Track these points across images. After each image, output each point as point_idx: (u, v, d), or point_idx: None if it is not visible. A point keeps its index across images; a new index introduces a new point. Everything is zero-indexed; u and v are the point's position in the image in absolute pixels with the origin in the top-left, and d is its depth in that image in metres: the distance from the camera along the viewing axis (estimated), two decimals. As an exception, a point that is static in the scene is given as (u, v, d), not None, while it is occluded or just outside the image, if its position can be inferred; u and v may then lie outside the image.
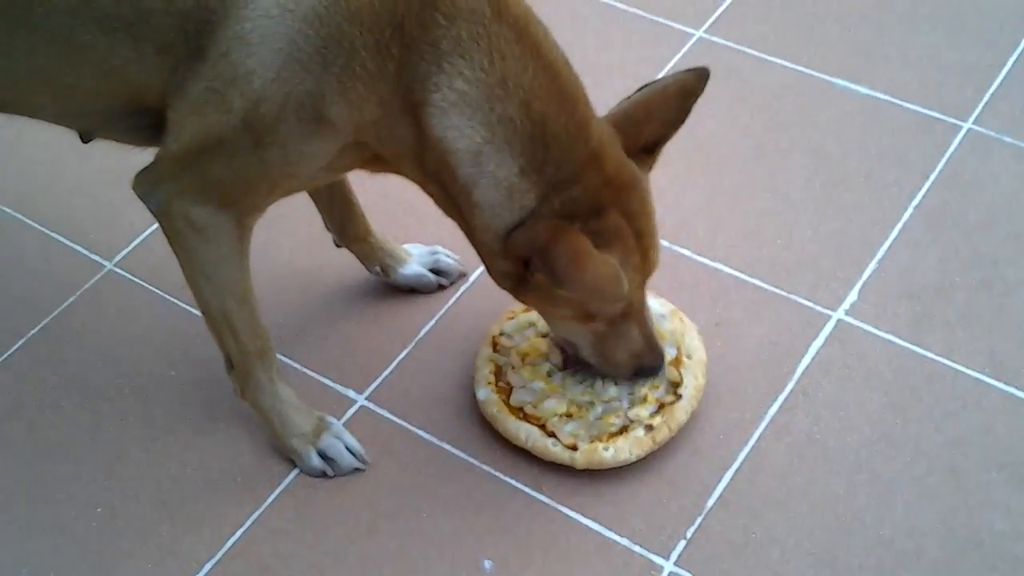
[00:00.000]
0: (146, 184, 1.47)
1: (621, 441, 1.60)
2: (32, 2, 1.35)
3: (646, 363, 1.59)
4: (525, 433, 1.63)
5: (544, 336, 1.71)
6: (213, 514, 1.61)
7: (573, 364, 1.66)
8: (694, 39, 2.23)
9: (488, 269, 1.49)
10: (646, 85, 1.48)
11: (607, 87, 2.09)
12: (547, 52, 1.38)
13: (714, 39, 2.23)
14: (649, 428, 1.60)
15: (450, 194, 1.43)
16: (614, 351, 1.58)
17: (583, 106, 1.40)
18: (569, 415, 1.65)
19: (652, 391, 1.63)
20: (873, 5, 2.30)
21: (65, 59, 1.39)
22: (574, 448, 1.61)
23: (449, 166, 1.39)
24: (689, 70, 1.47)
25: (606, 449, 1.60)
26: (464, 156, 1.38)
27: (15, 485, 1.65)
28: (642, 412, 1.62)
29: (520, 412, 1.66)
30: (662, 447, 1.61)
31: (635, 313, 1.54)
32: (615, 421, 1.62)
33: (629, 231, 1.43)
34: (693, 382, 1.63)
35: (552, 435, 1.62)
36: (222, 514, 1.61)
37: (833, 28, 2.25)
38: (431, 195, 1.47)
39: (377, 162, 1.47)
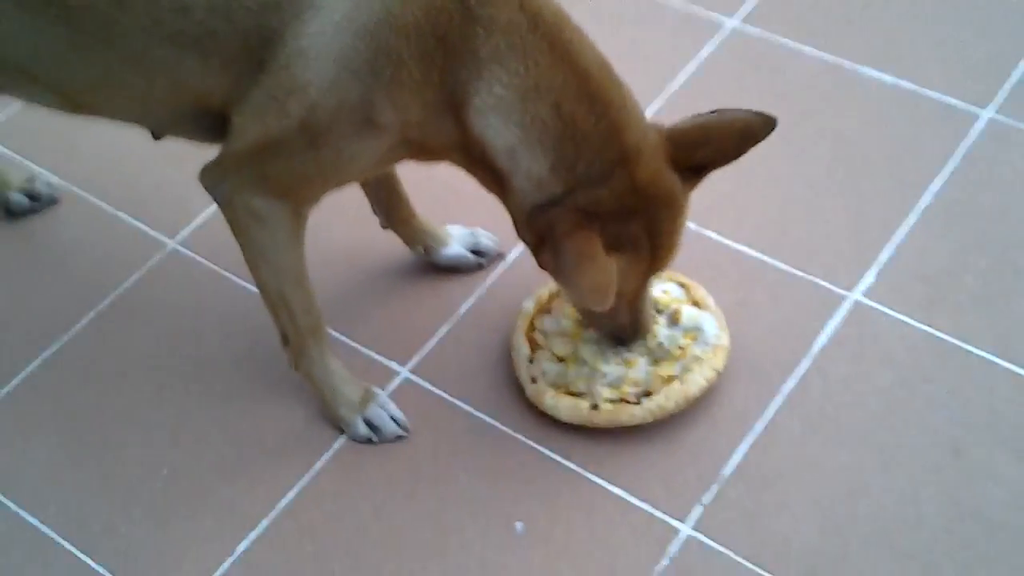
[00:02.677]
0: (211, 177, 1.60)
1: (566, 400, 1.74)
2: (111, 22, 1.48)
3: (625, 336, 1.73)
4: (517, 348, 1.81)
5: None
6: (268, 476, 1.75)
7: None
8: (728, 29, 2.33)
9: (516, 230, 1.61)
10: (717, 110, 1.57)
11: (642, 75, 2.20)
12: (578, 57, 1.49)
13: (747, 28, 2.32)
14: (594, 407, 1.73)
15: (492, 177, 1.55)
16: (600, 317, 1.71)
17: (617, 109, 1.50)
18: (561, 359, 1.79)
19: (631, 387, 1.74)
20: (903, -7, 2.38)
21: (140, 71, 1.53)
22: (533, 381, 1.77)
23: (489, 158, 1.52)
24: (759, 113, 1.55)
25: (551, 398, 1.75)
26: (501, 151, 1.50)
27: (88, 448, 1.80)
28: (605, 393, 1.74)
29: (532, 333, 1.82)
30: (665, 420, 1.74)
31: (629, 302, 1.67)
32: (581, 387, 1.75)
33: (646, 243, 1.54)
34: (659, 402, 1.72)
35: (531, 362, 1.79)
36: (276, 476, 1.75)
37: (862, 15, 2.34)
38: (477, 177, 1.59)
39: (425, 153, 1.60)
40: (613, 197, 1.51)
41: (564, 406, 1.73)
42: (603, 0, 2.39)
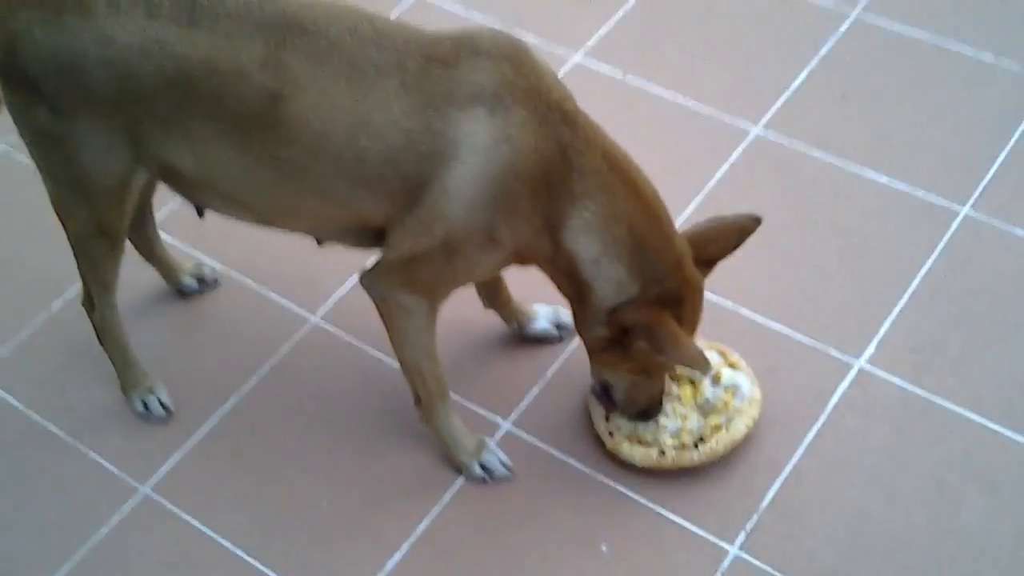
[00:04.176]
0: (370, 280, 2.10)
1: (639, 449, 2.23)
2: (306, 168, 1.95)
3: (652, 408, 2.22)
4: (594, 409, 2.30)
5: (677, 380, 2.31)
6: (405, 508, 2.25)
7: (607, 399, 2.26)
8: (752, 136, 2.83)
9: (581, 331, 2.12)
10: (716, 217, 2.11)
11: (683, 177, 2.71)
12: (643, 189, 2.00)
13: (768, 134, 2.83)
14: (662, 453, 2.22)
15: (573, 283, 2.06)
16: (638, 395, 2.19)
17: (667, 225, 2.03)
18: (631, 418, 2.25)
19: (688, 436, 2.23)
20: (897, 96, 2.88)
21: (323, 202, 2.02)
22: (611, 435, 2.26)
23: (576, 267, 2.02)
24: (749, 215, 2.09)
25: (628, 448, 2.24)
26: (587, 261, 2.00)
27: (265, 485, 2.30)
28: (669, 441, 2.23)
29: None
30: (703, 467, 2.24)
31: (660, 373, 2.18)
32: (648, 437, 2.24)
33: (690, 322, 2.06)
34: (712, 447, 2.21)
35: (607, 419, 2.27)
36: (412, 508, 2.24)
37: (865, 121, 2.84)
38: (555, 282, 2.10)
39: (525, 261, 2.10)
40: (674, 290, 2.02)
41: (638, 454, 2.23)
42: (646, 110, 2.90)
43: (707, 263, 2.11)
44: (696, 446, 2.23)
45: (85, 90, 1.94)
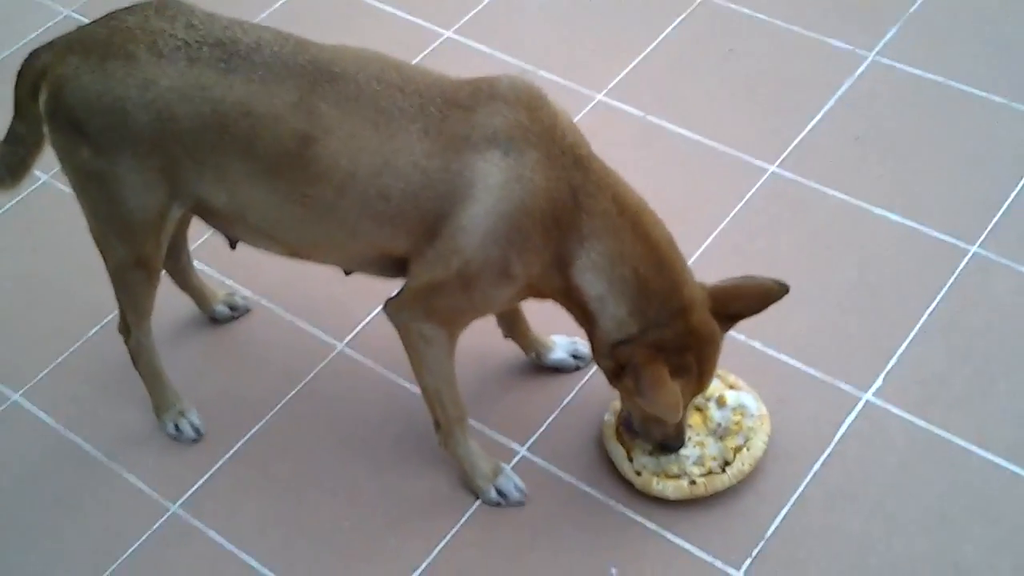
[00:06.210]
0: (393, 309, 2.20)
1: (671, 483, 2.30)
2: (333, 206, 2.06)
3: (670, 444, 2.28)
4: (613, 451, 2.36)
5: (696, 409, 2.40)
6: (424, 529, 2.34)
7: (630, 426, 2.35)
8: (768, 174, 2.92)
9: (595, 358, 2.20)
10: (747, 276, 2.19)
11: (699, 214, 2.79)
12: (652, 234, 2.08)
13: (784, 173, 2.91)
14: (692, 483, 2.29)
15: (583, 316, 2.15)
16: (652, 429, 2.27)
17: (676, 272, 2.09)
18: (650, 453, 2.34)
19: (712, 461, 2.31)
20: (911, 137, 2.96)
21: (348, 236, 2.12)
22: (638, 474, 2.32)
23: (583, 302, 2.11)
24: (776, 280, 2.16)
25: (659, 484, 2.30)
26: (593, 298, 2.09)
27: (286, 505, 2.39)
28: (695, 470, 2.30)
29: (621, 438, 2.37)
30: (717, 494, 2.30)
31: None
32: (675, 469, 2.31)
33: (695, 370, 2.12)
34: (739, 467, 2.29)
35: (630, 460, 2.34)
36: (430, 529, 2.33)
37: (879, 161, 2.91)
38: (572, 314, 2.18)
39: (540, 294, 2.19)
40: (675, 336, 2.09)
41: (670, 487, 2.30)
42: (665, 148, 2.99)
43: (730, 318, 2.17)
44: (724, 470, 2.30)
45: (127, 131, 2.06)
